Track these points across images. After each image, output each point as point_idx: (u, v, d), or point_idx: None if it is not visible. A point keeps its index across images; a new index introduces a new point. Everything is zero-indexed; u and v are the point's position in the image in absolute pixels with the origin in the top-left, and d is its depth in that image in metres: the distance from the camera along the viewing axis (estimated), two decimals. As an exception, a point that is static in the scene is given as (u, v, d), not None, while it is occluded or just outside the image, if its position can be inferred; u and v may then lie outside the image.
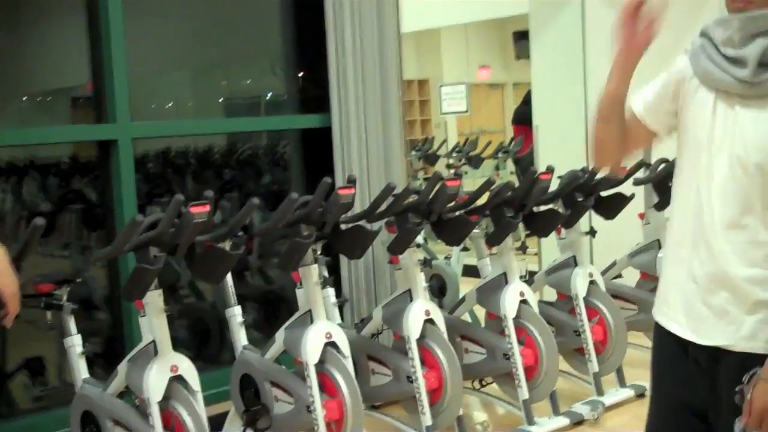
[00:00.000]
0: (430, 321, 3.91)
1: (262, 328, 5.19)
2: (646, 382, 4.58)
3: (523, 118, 7.78)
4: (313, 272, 3.70)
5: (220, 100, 6.03)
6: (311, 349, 3.56)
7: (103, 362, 4.45)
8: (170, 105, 5.97)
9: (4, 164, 5.23)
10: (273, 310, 5.48)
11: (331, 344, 3.61)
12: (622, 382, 4.58)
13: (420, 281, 3.97)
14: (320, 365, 3.59)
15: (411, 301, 3.93)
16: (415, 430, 3.92)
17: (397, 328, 3.95)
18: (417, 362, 3.81)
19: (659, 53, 5.23)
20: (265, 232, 3.69)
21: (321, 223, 3.65)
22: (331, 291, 4.14)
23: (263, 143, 6.36)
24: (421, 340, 3.87)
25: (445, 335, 3.93)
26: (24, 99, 5.30)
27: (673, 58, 2.20)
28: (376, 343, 4.18)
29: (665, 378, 2.16)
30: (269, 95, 6.08)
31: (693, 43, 2.10)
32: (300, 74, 5.30)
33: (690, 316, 2.02)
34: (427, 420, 3.81)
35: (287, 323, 3.76)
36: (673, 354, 2.10)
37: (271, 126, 5.70)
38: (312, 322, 3.65)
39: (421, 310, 3.90)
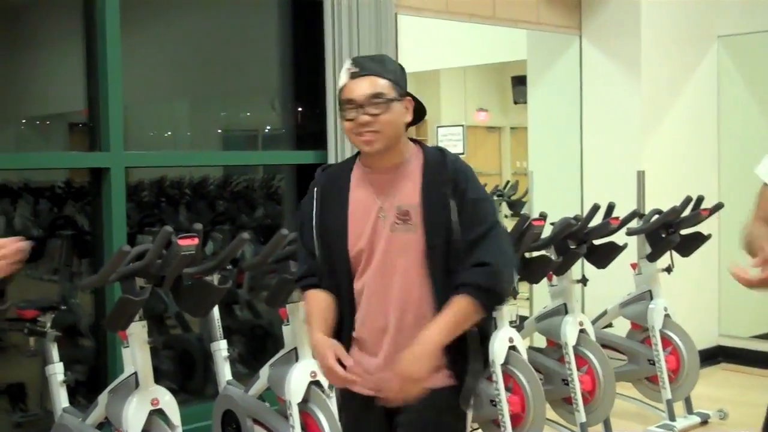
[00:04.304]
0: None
1: (248, 363, 5.14)
2: (633, 435, 4.57)
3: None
4: (300, 310, 3.66)
5: (219, 131, 6.04)
6: (295, 388, 3.52)
7: (85, 391, 4.40)
8: (168, 134, 5.97)
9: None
10: (260, 344, 5.44)
11: (316, 383, 3.57)
12: (608, 433, 4.54)
13: None
14: (303, 404, 3.54)
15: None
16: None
17: None
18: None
19: (660, 92, 5.10)
20: (253, 267, 3.66)
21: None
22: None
23: (259, 176, 6.35)
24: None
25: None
26: (23, 122, 5.31)
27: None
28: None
29: None
30: (267, 129, 6.09)
31: None
32: (298, 110, 5.30)
33: None
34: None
35: (272, 360, 3.72)
36: None
37: (265, 160, 5.69)
38: (297, 360, 3.61)
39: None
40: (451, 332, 2.24)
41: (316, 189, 2.42)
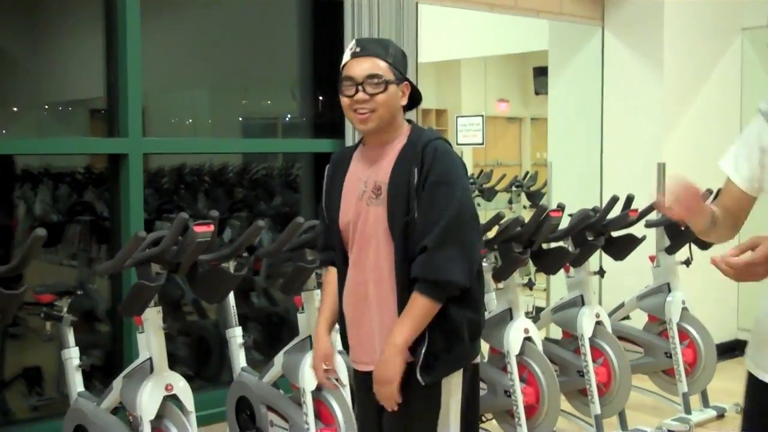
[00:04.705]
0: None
1: (263, 350, 5.16)
2: (648, 427, 4.55)
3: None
4: (315, 298, 3.67)
5: (239, 119, 6.05)
6: (309, 376, 3.53)
7: (101, 375, 4.43)
8: (189, 122, 5.99)
9: (19, 171, 5.26)
10: (276, 332, 5.46)
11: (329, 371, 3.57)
12: (624, 426, 4.51)
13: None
14: (317, 392, 3.55)
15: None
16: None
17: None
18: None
19: (683, 85, 5.02)
20: (268, 255, 3.67)
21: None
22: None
23: (278, 164, 6.36)
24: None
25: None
26: (45, 107, 5.34)
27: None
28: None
29: None
30: (287, 117, 6.10)
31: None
32: (318, 98, 5.30)
33: None
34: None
35: (286, 347, 3.73)
36: None
37: (283, 148, 5.70)
38: (311, 347, 3.61)
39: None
40: (412, 331, 2.36)
41: (328, 168, 2.61)
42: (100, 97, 4.71)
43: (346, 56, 2.45)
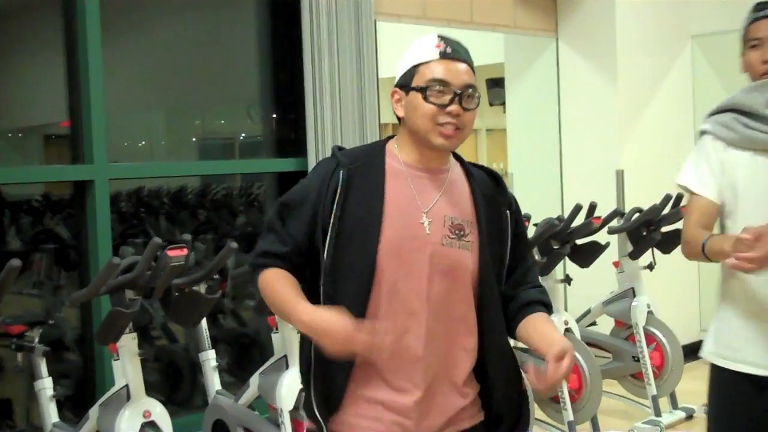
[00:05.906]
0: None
1: (234, 372, 5.13)
2: (620, 431, 4.61)
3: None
4: (289, 317, 3.66)
5: (194, 140, 6.02)
6: (286, 395, 3.53)
7: (71, 405, 4.37)
8: (143, 143, 5.94)
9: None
10: (245, 353, 5.43)
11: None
12: (596, 431, 4.57)
13: None
14: (295, 411, 3.55)
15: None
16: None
17: None
18: None
19: (637, 92, 5.12)
20: (243, 276, 3.67)
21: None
22: (306, 336, 4.10)
23: (238, 184, 6.34)
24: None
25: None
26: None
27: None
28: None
29: None
30: (244, 137, 6.09)
31: (715, 121, 2.44)
32: (276, 117, 5.30)
33: None
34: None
35: (262, 368, 3.72)
36: None
37: (247, 169, 5.68)
38: (287, 367, 3.62)
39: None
40: None
41: (341, 171, 1.94)
42: (55, 123, 4.66)
43: (431, 54, 1.93)
